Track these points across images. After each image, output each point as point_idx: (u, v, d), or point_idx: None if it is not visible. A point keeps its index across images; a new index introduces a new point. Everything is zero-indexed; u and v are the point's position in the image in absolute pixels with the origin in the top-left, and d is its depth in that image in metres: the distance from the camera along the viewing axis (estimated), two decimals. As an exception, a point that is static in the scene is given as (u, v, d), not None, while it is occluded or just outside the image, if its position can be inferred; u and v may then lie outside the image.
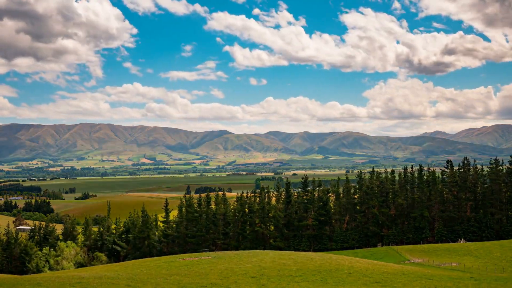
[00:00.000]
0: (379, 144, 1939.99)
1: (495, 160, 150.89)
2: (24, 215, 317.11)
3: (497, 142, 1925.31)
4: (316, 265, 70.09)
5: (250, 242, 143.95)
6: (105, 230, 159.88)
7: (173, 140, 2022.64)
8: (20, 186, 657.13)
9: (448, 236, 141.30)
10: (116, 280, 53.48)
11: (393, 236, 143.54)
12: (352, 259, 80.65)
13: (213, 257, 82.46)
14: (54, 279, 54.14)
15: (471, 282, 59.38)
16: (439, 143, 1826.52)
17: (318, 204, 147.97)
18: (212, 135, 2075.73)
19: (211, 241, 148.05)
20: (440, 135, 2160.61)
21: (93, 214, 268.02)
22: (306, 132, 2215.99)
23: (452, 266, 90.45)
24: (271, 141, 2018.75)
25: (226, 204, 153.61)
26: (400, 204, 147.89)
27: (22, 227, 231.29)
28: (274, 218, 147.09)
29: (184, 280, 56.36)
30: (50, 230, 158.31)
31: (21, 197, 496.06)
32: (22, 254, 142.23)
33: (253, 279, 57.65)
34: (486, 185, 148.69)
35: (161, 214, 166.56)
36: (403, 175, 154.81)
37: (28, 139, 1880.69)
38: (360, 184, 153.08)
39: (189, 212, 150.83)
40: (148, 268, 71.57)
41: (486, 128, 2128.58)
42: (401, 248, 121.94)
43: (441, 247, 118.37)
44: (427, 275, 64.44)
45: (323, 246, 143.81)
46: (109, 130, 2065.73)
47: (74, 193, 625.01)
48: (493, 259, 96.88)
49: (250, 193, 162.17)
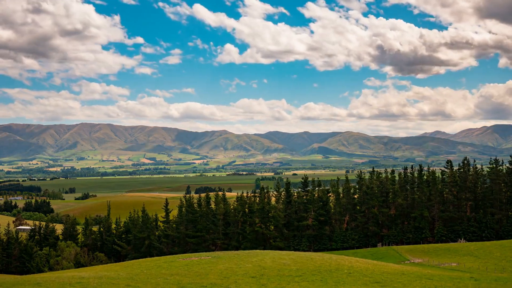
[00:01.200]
0: (379, 144, 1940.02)
1: (495, 160, 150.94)
2: (24, 215, 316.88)
3: (497, 142, 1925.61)
4: (316, 265, 70.08)
5: (250, 242, 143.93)
6: (105, 230, 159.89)
7: (173, 140, 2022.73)
8: (20, 186, 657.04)
9: (448, 236, 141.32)
10: (116, 280, 53.47)
11: (393, 236, 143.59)
12: (352, 259, 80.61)
13: (213, 257, 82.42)
14: (54, 279, 54.12)
15: (471, 282, 59.37)
16: (439, 143, 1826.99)
17: (318, 204, 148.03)
18: (212, 135, 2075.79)
19: (211, 241, 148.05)
20: (440, 135, 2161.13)
21: (93, 214, 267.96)
22: (306, 132, 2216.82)
23: (452, 266, 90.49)
24: (271, 141, 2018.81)
25: (226, 204, 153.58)
26: (400, 204, 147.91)
27: (22, 227, 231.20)
28: (274, 218, 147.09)
29: (184, 280, 56.36)
30: (50, 230, 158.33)
31: (21, 197, 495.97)
32: (22, 254, 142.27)
33: (253, 279, 57.65)
34: (486, 185, 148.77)
35: (161, 214, 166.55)
36: (403, 175, 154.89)
37: (28, 139, 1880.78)
38: (360, 184, 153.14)
39: (189, 212, 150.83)
40: (148, 268, 71.53)
41: (486, 128, 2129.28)
42: (401, 248, 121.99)
43: (441, 247, 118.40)
44: (427, 275, 64.43)
45: (323, 246, 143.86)
46: (109, 130, 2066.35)
47: (74, 193, 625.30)
48: (493, 259, 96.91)
49: (250, 193, 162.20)
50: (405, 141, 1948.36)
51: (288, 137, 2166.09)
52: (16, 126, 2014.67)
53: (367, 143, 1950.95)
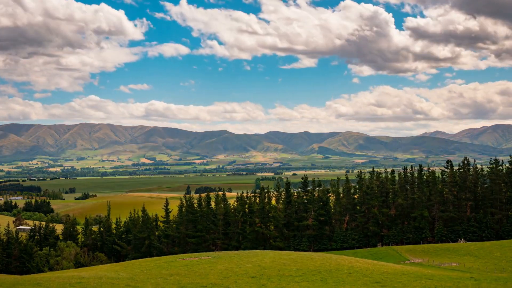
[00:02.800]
0: (379, 144, 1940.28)
1: (495, 160, 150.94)
2: (24, 215, 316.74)
3: (497, 142, 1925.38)
4: (316, 265, 70.09)
5: (250, 242, 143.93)
6: (105, 230, 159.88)
7: (173, 140, 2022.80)
8: (20, 186, 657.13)
9: (448, 236, 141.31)
10: (116, 280, 53.49)
11: (393, 236, 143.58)
12: (352, 259, 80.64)
13: (213, 257, 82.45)
14: (54, 279, 54.15)
15: (471, 282, 59.39)
16: (439, 143, 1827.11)
17: (318, 204, 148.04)
18: (212, 135, 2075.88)
19: (211, 241, 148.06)
20: (440, 135, 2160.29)
21: (93, 214, 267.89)
22: (306, 132, 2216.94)
23: (452, 266, 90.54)
24: (271, 141, 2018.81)
25: (226, 204, 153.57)
26: (400, 204, 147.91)
27: (22, 227, 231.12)
28: (274, 218, 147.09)
29: (184, 280, 56.38)
30: (50, 230, 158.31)
31: (21, 197, 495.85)
32: (22, 254, 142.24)
33: (253, 279, 57.67)
34: (486, 185, 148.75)
35: (161, 214, 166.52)
36: (403, 175, 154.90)
37: (28, 139, 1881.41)
38: (360, 184, 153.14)
39: (189, 212, 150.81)
40: (148, 268, 71.55)
41: (486, 128, 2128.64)
42: (401, 248, 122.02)
43: (441, 247, 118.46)
44: (427, 275, 64.46)
45: (323, 246, 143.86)
46: (109, 130, 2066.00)
47: (74, 193, 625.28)
48: (493, 259, 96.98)
49: (250, 193, 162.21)
50: (405, 141, 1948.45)
51: (288, 137, 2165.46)
52: (16, 126, 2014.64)
53: (367, 143, 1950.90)
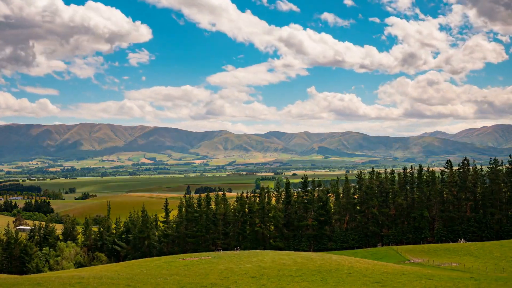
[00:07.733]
0: (379, 144, 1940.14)
1: (495, 160, 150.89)
2: (24, 215, 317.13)
3: (497, 142, 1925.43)
4: (316, 265, 70.12)
5: (250, 242, 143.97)
6: (105, 230, 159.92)
7: (173, 140, 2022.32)
8: (20, 186, 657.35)
9: (448, 236, 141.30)
10: (116, 280, 53.49)
11: (393, 236, 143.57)
12: (352, 259, 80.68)
13: (213, 257, 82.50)
14: (54, 279, 54.16)
15: (471, 282, 59.38)
16: (439, 143, 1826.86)
17: (318, 204, 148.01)
18: (212, 135, 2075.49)
19: (211, 241, 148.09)
20: (440, 135, 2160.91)
21: (93, 214, 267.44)
22: (306, 132, 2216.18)
23: (452, 266, 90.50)
24: (271, 141, 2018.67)
25: (226, 204, 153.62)
26: (400, 204, 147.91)
27: (22, 227, 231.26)
28: (274, 218, 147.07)
29: (184, 280, 56.38)
30: (50, 230, 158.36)
31: (21, 197, 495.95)
32: (22, 254, 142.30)
33: (253, 279, 57.68)
34: (486, 185, 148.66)
35: (161, 214, 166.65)
36: (403, 175, 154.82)
37: (28, 139, 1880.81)
38: (360, 184, 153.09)
39: (189, 212, 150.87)
40: (148, 268, 71.59)
41: (486, 128, 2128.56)
42: (401, 248, 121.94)
43: (441, 247, 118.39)
44: (427, 275, 64.46)
45: (323, 246, 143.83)
46: (109, 130, 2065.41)
47: (74, 193, 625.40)
48: (493, 259, 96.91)
49: (250, 193, 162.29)
50: (405, 141, 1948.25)
51: (288, 137, 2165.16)
52: (16, 126, 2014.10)
53: (367, 143, 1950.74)
